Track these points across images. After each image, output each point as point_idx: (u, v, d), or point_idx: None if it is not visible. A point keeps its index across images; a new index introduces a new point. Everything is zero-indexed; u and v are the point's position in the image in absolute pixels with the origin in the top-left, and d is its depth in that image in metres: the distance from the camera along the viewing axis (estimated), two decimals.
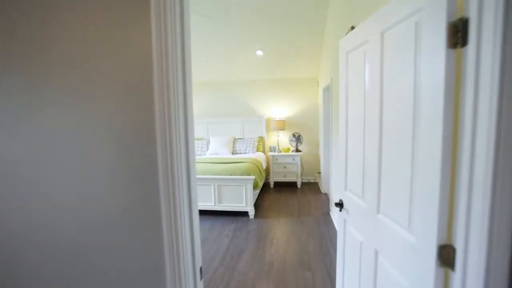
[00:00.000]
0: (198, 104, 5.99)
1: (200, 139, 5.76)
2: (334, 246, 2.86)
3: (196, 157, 5.02)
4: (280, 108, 5.70)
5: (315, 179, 5.70)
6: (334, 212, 3.52)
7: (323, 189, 4.86)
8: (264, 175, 4.78)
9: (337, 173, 3.19)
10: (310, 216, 3.77)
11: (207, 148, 5.47)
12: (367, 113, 1.24)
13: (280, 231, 3.31)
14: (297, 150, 5.44)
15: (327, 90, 4.43)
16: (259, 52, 4.75)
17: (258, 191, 4.04)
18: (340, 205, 1.61)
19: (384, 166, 1.10)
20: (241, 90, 5.80)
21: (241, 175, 3.78)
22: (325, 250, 2.81)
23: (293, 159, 5.26)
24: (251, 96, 5.78)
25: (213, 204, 3.81)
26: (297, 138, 5.49)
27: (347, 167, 1.55)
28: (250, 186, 3.70)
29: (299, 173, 5.28)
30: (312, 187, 5.30)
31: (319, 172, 5.39)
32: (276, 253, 2.77)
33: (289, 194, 4.89)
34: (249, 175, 3.79)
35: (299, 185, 5.32)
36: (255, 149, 5.33)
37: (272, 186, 5.39)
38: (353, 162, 1.46)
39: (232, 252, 2.80)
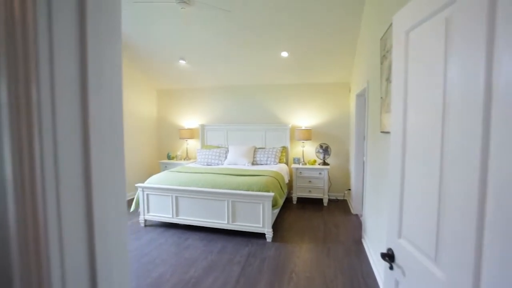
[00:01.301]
0: (217, 109, 5.67)
1: (218, 147, 5.40)
2: None
3: (213, 167, 4.68)
4: (306, 116, 5.19)
5: (344, 197, 5.08)
6: (368, 241, 2.92)
7: (353, 209, 4.24)
8: (286, 191, 4.27)
9: (372, 196, 2.62)
10: (339, 243, 3.19)
11: (225, 157, 5.08)
12: (452, 128, 0.74)
13: (302, 261, 2.78)
14: (325, 163, 4.88)
15: (361, 96, 3.87)
16: (284, 54, 4.31)
17: (277, 210, 3.54)
18: (389, 257, 1.09)
19: (495, 216, 0.59)
20: (263, 96, 5.38)
21: (259, 191, 3.32)
22: None
23: (320, 173, 4.70)
24: (275, 102, 5.34)
25: (226, 222, 3.38)
26: (325, 150, 4.93)
27: (403, 202, 1.04)
28: (268, 204, 3.22)
29: (326, 189, 4.71)
30: (341, 206, 4.69)
31: (349, 189, 4.77)
32: None
33: (314, 212, 4.33)
34: (268, 191, 3.32)
35: (325, 203, 4.73)
36: (277, 160, 4.85)
37: (294, 202, 4.86)
38: (415, 195, 0.95)
39: (242, 287, 2.33)
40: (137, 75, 5.37)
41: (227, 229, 3.46)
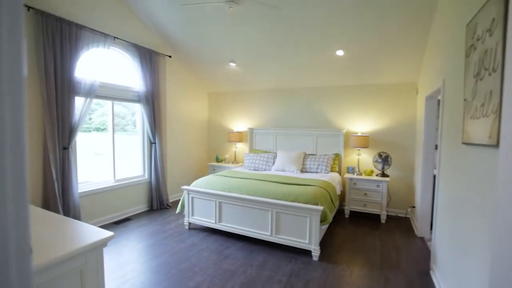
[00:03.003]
0: (266, 113, 5.49)
1: (266, 152, 5.22)
2: None
3: (259, 172, 4.50)
4: (363, 121, 4.67)
5: (406, 215, 4.41)
6: (440, 276, 2.38)
7: (418, 231, 3.61)
8: (337, 203, 3.86)
9: (447, 219, 2.10)
10: (399, 272, 2.69)
11: (273, 163, 4.87)
12: None
13: None
14: (384, 175, 4.30)
15: (432, 98, 3.28)
16: (340, 52, 3.92)
17: (326, 226, 3.18)
18: None
19: None
20: (315, 99, 5.03)
21: (306, 203, 3.01)
22: None
23: (378, 185, 4.16)
24: (328, 105, 4.94)
25: (269, 234, 3.15)
26: (384, 160, 4.35)
27: None
28: (316, 219, 2.89)
29: (384, 204, 4.14)
30: (402, 225, 4.06)
31: (413, 207, 4.11)
32: None
33: (370, 230, 3.82)
34: (317, 204, 2.99)
35: (383, 220, 4.16)
36: (328, 169, 4.45)
37: (347, 215, 4.39)
38: None
39: None
40: (190, 78, 5.53)
41: (270, 242, 3.23)
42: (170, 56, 4.82)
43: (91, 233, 1.05)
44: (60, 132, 3.20)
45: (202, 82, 5.76)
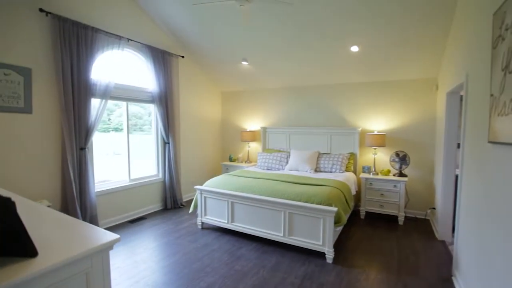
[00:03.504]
0: (279, 111, 5.43)
1: (279, 151, 5.16)
2: None
3: (272, 172, 4.45)
4: (379, 119, 4.51)
5: (425, 216, 4.22)
6: (463, 282, 2.24)
7: (439, 234, 3.44)
8: (352, 204, 3.74)
9: (471, 222, 1.97)
10: (418, 277, 2.57)
11: (286, 162, 4.80)
12: None
13: None
14: (401, 174, 4.14)
15: (454, 93, 3.12)
16: (354, 48, 3.80)
17: (341, 228, 3.09)
18: None
19: None
20: (329, 97, 4.91)
21: (320, 203, 2.94)
22: None
23: (395, 185, 4.00)
24: (342, 103, 4.81)
25: (281, 235, 3.09)
26: (402, 159, 4.19)
27: None
28: (330, 220, 2.81)
29: (402, 205, 3.98)
30: (421, 227, 3.89)
31: (433, 208, 3.92)
32: None
33: (386, 232, 3.68)
34: (331, 205, 2.91)
35: (400, 221, 4.00)
36: (343, 168, 4.33)
37: (362, 216, 4.26)
38: None
39: None
40: (203, 78, 5.54)
41: (283, 243, 3.17)
42: (183, 57, 4.85)
43: (97, 235, 1.04)
44: (77, 133, 3.28)
45: (215, 81, 5.76)
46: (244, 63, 4.78)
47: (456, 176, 3.15)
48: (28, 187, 2.95)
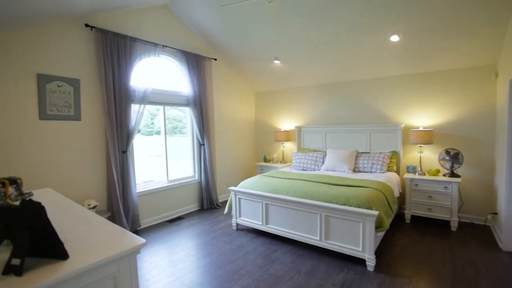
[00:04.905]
0: (314, 110, 5.24)
1: (315, 150, 4.98)
2: None
3: (308, 172, 4.30)
4: (424, 113, 4.11)
5: (485, 222, 3.73)
6: None
7: (503, 243, 3.01)
8: (395, 207, 3.45)
9: None
10: None
11: (322, 162, 4.61)
12: None
13: None
14: (453, 175, 3.72)
15: None
16: (394, 38, 3.50)
17: (383, 233, 2.85)
18: None
19: None
20: (366, 92, 4.61)
21: (358, 206, 2.75)
22: None
23: (446, 187, 3.61)
24: (381, 98, 4.48)
25: (318, 238, 2.96)
26: (454, 157, 3.76)
27: None
28: (370, 224, 2.61)
29: (455, 208, 3.57)
30: (479, 234, 3.45)
31: (495, 213, 3.45)
32: None
33: (437, 238, 3.33)
34: (371, 208, 2.70)
35: (453, 227, 3.59)
36: (384, 168, 4.03)
37: (408, 220, 3.91)
38: None
39: None
40: (236, 79, 5.58)
41: (319, 247, 3.03)
42: (215, 59, 4.93)
43: (125, 239, 1.06)
44: (119, 137, 3.50)
45: (248, 82, 5.77)
46: (276, 61, 4.71)
47: None
48: (79, 187, 3.22)
